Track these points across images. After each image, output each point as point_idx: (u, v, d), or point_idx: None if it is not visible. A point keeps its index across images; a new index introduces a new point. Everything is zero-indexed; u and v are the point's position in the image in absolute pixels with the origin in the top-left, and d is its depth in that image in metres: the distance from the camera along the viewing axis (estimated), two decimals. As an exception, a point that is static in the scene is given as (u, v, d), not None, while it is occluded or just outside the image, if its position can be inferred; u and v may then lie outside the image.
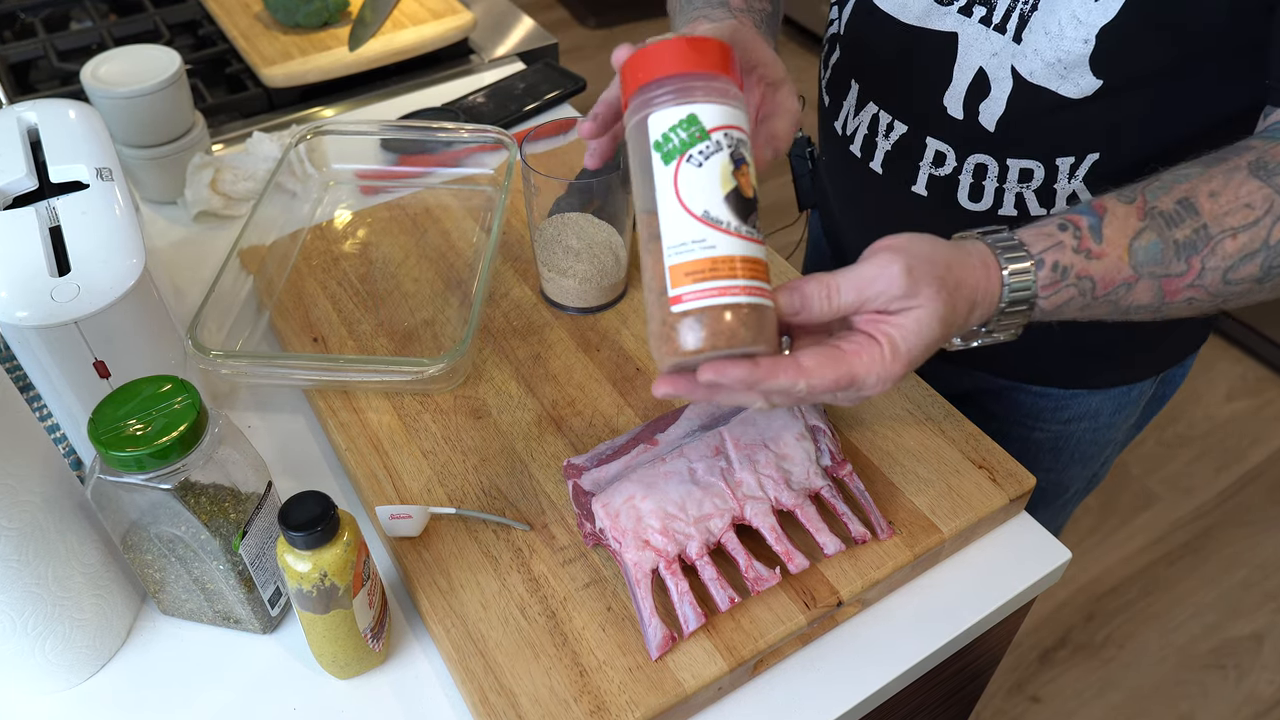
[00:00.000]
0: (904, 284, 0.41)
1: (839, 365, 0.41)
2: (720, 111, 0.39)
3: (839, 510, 0.54)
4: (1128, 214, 0.45)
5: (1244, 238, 0.44)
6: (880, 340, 0.41)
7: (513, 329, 0.68)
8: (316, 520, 0.45)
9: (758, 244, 0.39)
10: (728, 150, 0.39)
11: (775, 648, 0.51)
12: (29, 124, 0.61)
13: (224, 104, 0.95)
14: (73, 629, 0.50)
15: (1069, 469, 0.77)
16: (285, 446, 0.64)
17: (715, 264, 0.38)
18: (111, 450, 0.44)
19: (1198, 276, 0.45)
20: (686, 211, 0.38)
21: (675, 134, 0.39)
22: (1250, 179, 0.45)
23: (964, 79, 0.58)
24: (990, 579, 0.56)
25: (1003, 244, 0.44)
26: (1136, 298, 0.46)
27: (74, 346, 0.52)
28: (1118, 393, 0.72)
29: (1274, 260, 0.45)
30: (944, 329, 0.42)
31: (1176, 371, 0.75)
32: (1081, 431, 0.74)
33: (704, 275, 0.38)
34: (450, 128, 0.78)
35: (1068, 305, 0.46)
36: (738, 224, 0.39)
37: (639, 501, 0.51)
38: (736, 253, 0.38)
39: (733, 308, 0.38)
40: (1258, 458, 1.63)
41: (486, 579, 0.53)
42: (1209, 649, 1.39)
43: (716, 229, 0.38)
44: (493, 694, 0.48)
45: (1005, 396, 0.73)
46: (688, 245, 0.39)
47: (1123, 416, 0.75)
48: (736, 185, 0.39)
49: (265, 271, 0.71)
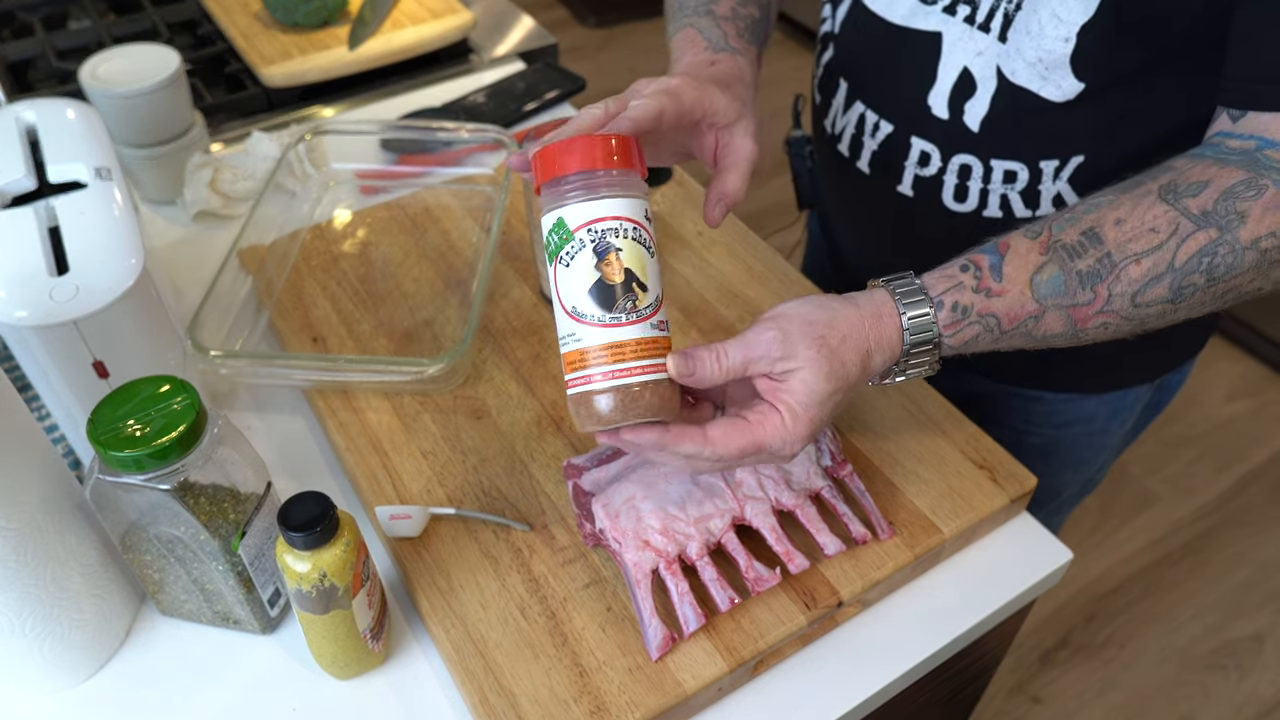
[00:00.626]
0: (780, 348, 0.44)
1: (744, 434, 0.44)
2: (586, 209, 0.42)
3: (839, 510, 0.54)
4: (1029, 249, 0.47)
5: (1148, 262, 0.45)
6: (779, 408, 0.44)
7: (512, 329, 0.68)
8: (316, 521, 0.45)
9: (632, 325, 0.43)
10: (590, 245, 0.42)
11: (776, 648, 0.51)
12: (28, 123, 0.61)
13: (223, 103, 0.95)
14: (71, 629, 0.50)
15: (1063, 473, 0.77)
16: (284, 447, 0.63)
17: (583, 354, 0.43)
18: (110, 450, 0.44)
19: (1105, 303, 0.46)
20: (562, 308, 0.44)
21: (551, 237, 0.43)
22: (1158, 203, 0.46)
23: (948, 78, 0.58)
24: (991, 579, 0.56)
25: (902, 289, 0.47)
26: (1048, 327, 0.47)
27: (73, 346, 0.52)
28: (1113, 398, 0.72)
29: (1182, 281, 0.46)
30: (834, 383, 0.45)
31: (1173, 377, 0.75)
32: (1076, 436, 0.74)
33: (576, 365, 0.43)
34: (450, 127, 0.78)
35: (975, 341, 0.48)
36: (601, 314, 0.43)
37: (639, 502, 0.51)
38: (601, 341, 0.43)
39: (602, 392, 0.43)
40: (1259, 458, 1.63)
41: (486, 579, 0.53)
42: (1210, 649, 1.38)
43: (582, 322, 0.43)
44: (492, 694, 0.48)
45: (999, 401, 0.73)
46: (565, 339, 0.44)
47: (1118, 422, 0.75)
48: (600, 277, 0.43)
49: (264, 271, 0.71)
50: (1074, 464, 0.77)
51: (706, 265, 0.73)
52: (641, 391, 0.43)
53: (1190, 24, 0.51)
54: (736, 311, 0.69)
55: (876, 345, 0.46)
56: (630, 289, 0.43)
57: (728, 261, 0.73)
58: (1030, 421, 0.74)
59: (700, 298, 0.70)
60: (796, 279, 0.71)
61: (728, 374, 0.44)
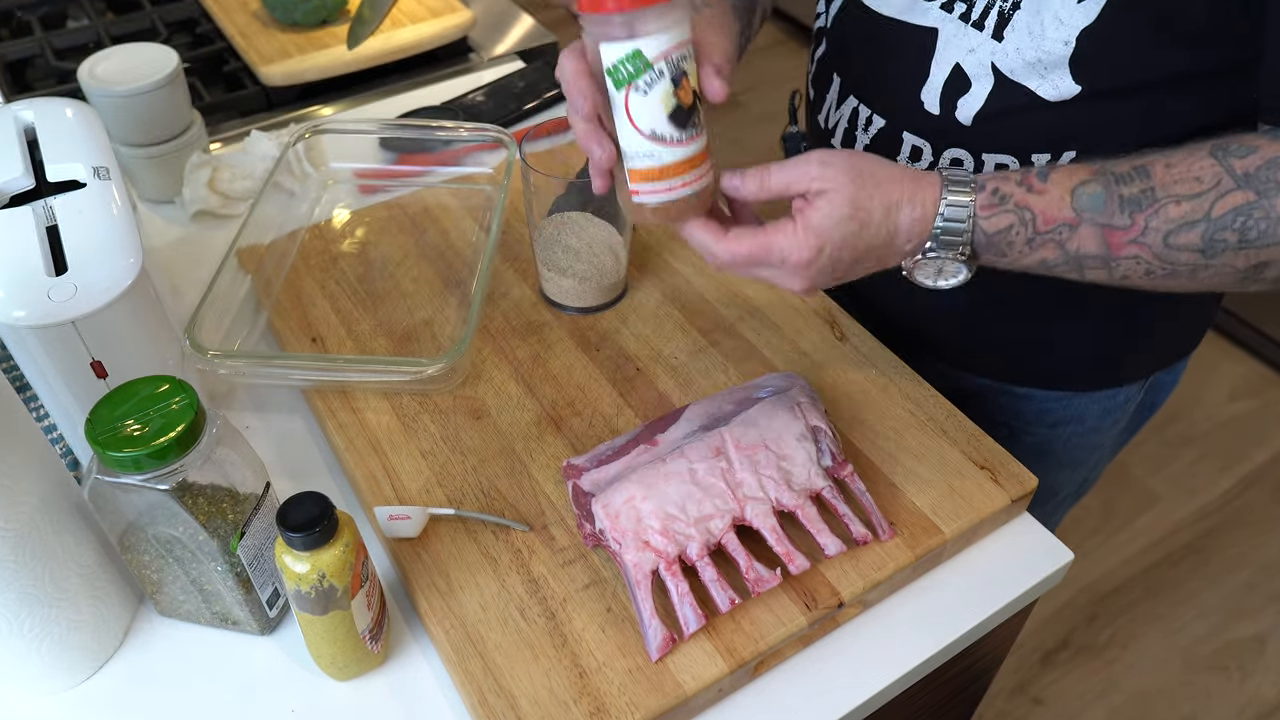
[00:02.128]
0: (818, 170, 0.48)
1: (756, 236, 0.48)
2: (661, 40, 0.45)
3: (840, 511, 0.54)
4: (1079, 168, 0.49)
5: (1186, 206, 0.46)
6: (796, 219, 0.48)
7: (512, 329, 0.68)
8: (315, 521, 0.44)
9: (696, 141, 0.47)
10: (669, 76, 0.45)
11: (776, 649, 0.51)
12: (26, 122, 0.60)
13: (222, 102, 0.95)
14: (70, 630, 0.49)
15: (1057, 474, 0.77)
16: (283, 447, 0.63)
17: (662, 171, 0.47)
18: (109, 451, 0.44)
19: (1140, 234, 0.47)
20: (636, 130, 0.46)
21: (623, 66, 0.45)
22: (1207, 157, 0.47)
23: (940, 74, 0.58)
24: (992, 580, 0.56)
25: (950, 171, 0.50)
26: (1082, 243, 0.48)
27: (71, 346, 0.51)
28: (1104, 397, 0.72)
29: (1215, 233, 0.47)
30: (855, 213, 0.47)
31: (1165, 377, 0.75)
32: (1068, 436, 0.74)
33: (653, 179, 0.47)
34: (449, 126, 0.78)
35: (1009, 234, 0.48)
36: (678, 135, 0.46)
37: (639, 502, 0.51)
38: (678, 158, 0.47)
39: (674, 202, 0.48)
40: (1261, 458, 1.62)
41: (486, 580, 0.53)
42: (1212, 650, 1.38)
43: (661, 144, 0.46)
44: (492, 695, 0.48)
45: (990, 399, 0.73)
46: (639, 155, 0.47)
47: (1110, 421, 0.75)
48: (677, 103, 0.46)
49: (263, 271, 0.71)
50: (1069, 464, 0.77)
51: (706, 264, 0.72)
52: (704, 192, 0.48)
53: (1191, 35, 0.51)
54: (736, 311, 0.69)
55: (909, 200, 0.48)
56: (696, 108, 0.47)
57: (728, 261, 0.73)
58: (1023, 420, 0.74)
59: (700, 298, 0.70)
60: (797, 278, 0.71)
61: (769, 192, 0.49)
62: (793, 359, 0.65)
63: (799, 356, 0.65)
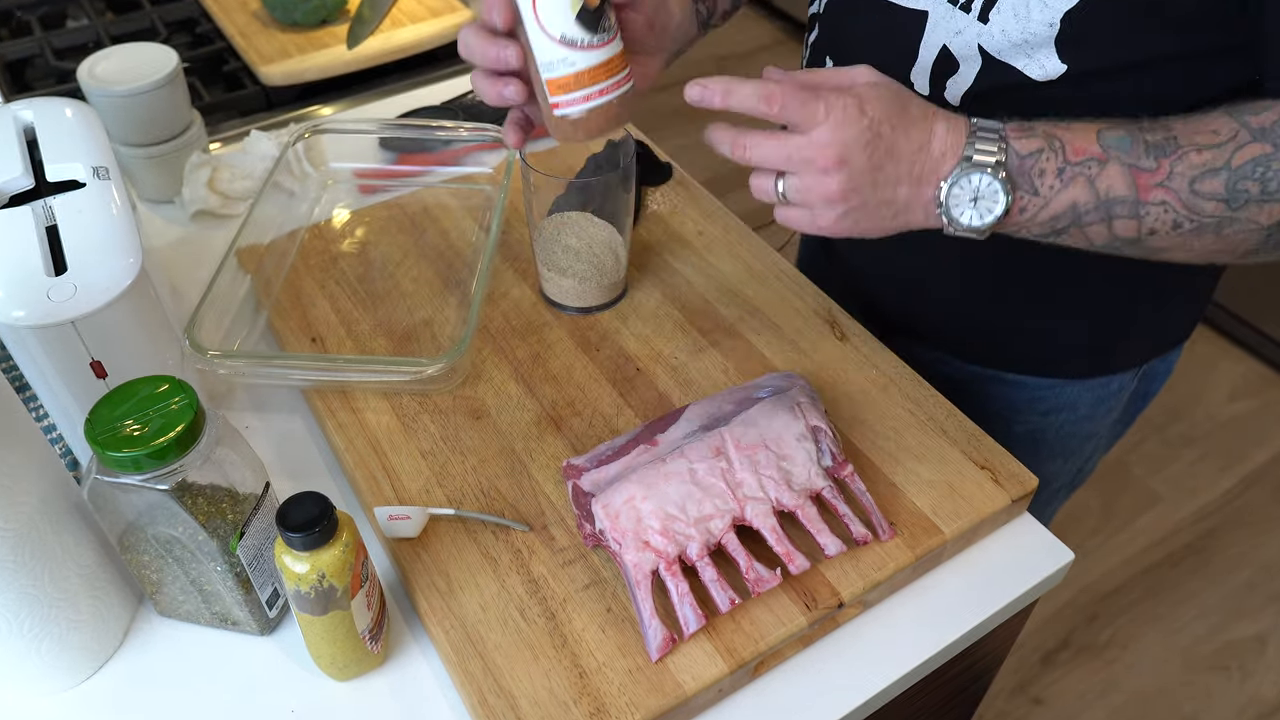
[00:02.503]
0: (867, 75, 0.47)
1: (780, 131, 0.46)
2: None
3: (840, 511, 0.54)
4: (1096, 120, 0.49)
5: (1208, 154, 0.47)
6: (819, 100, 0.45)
7: (512, 329, 0.68)
8: (314, 521, 0.44)
9: (610, 45, 0.46)
10: None
11: (776, 649, 0.51)
12: (25, 122, 0.60)
13: (221, 102, 0.95)
14: (69, 630, 0.49)
15: (1049, 463, 0.77)
16: (283, 447, 0.63)
17: (578, 78, 0.46)
18: (108, 451, 0.44)
19: (1166, 178, 0.47)
20: (546, 35, 0.45)
21: None
22: (1222, 114, 0.48)
23: (929, 56, 0.59)
24: (992, 580, 0.56)
25: None
26: (1111, 181, 0.47)
27: (70, 346, 0.51)
28: (1096, 385, 0.72)
29: (1237, 182, 0.47)
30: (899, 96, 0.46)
31: (1159, 366, 0.75)
32: (1060, 424, 0.74)
33: (569, 87, 0.47)
34: (449, 126, 0.78)
35: (1041, 160, 0.47)
36: (589, 38, 0.45)
37: (639, 502, 0.51)
38: (592, 63, 0.46)
39: (597, 108, 0.47)
40: (1261, 458, 1.62)
41: (486, 580, 0.53)
42: (1212, 650, 1.38)
43: (573, 48, 0.45)
44: (492, 696, 0.48)
45: (981, 388, 0.74)
46: (554, 64, 0.46)
47: (1103, 410, 0.75)
48: (583, 3, 0.45)
49: (263, 271, 0.70)
50: (1062, 453, 0.77)
51: (706, 265, 0.72)
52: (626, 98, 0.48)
53: (1183, 18, 0.51)
54: (737, 311, 0.69)
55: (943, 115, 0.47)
56: (605, 9, 0.45)
57: (728, 261, 0.73)
58: (1015, 409, 0.74)
59: (700, 298, 0.70)
60: (796, 277, 0.71)
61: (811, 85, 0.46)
62: (793, 359, 0.65)
63: (799, 356, 0.65)
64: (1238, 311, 1.76)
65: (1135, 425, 1.75)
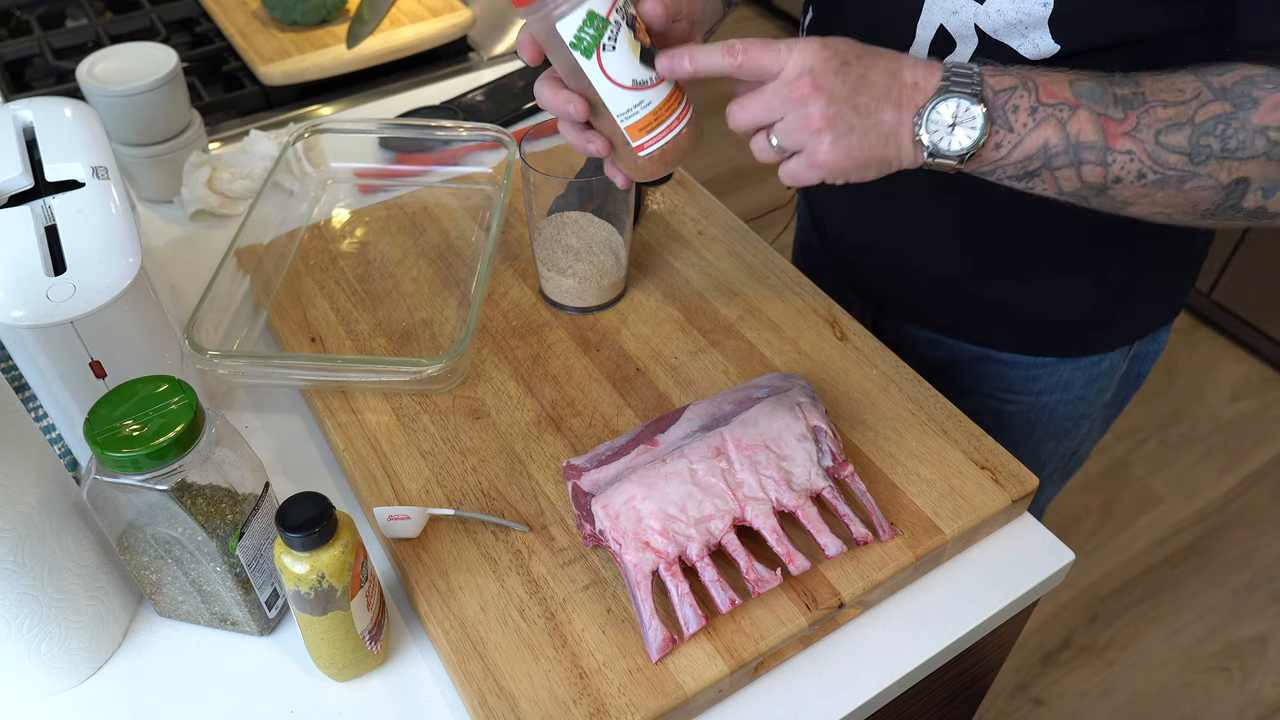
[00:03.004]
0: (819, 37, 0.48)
1: None
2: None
3: (840, 511, 0.54)
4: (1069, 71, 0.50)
5: (1173, 110, 0.49)
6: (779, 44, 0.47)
7: (512, 329, 0.68)
8: (314, 521, 0.44)
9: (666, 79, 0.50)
10: (625, 22, 0.47)
11: (776, 650, 0.51)
12: (24, 122, 0.60)
13: (221, 102, 0.95)
14: (68, 631, 0.49)
15: (1044, 444, 0.78)
16: (283, 447, 0.63)
17: (656, 112, 0.50)
18: (107, 451, 0.44)
19: (1134, 128, 0.48)
20: (620, 86, 0.49)
21: (584, 32, 0.47)
22: (1187, 74, 0.50)
23: (926, 35, 0.59)
24: (993, 580, 0.56)
25: None
26: (1081, 127, 0.48)
27: (70, 346, 0.51)
28: (1088, 364, 0.73)
29: (1200, 138, 0.48)
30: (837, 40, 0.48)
31: (1149, 347, 0.75)
32: (1054, 404, 0.75)
33: (650, 125, 0.50)
34: (449, 126, 0.78)
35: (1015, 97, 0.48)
36: (654, 74, 0.49)
37: (639, 503, 0.51)
38: (664, 95, 0.50)
39: (677, 136, 0.51)
40: (1263, 458, 1.62)
41: (485, 581, 0.53)
42: (1213, 651, 1.38)
43: (645, 89, 0.49)
44: (492, 696, 0.48)
45: (976, 368, 0.74)
46: (631, 110, 0.49)
47: (1095, 390, 0.75)
48: (641, 44, 0.48)
49: (262, 271, 0.70)
50: (1055, 434, 0.78)
51: (706, 264, 0.72)
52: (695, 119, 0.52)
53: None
54: (737, 311, 0.68)
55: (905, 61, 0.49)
56: (653, 44, 0.49)
57: (727, 260, 0.72)
58: (1009, 389, 0.74)
59: (700, 296, 0.70)
60: (796, 277, 0.71)
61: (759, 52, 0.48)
62: (793, 359, 0.65)
63: (799, 356, 0.65)
64: (1239, 312, 1.76)
65: (1137, 425, 1.75)
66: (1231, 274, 1.73)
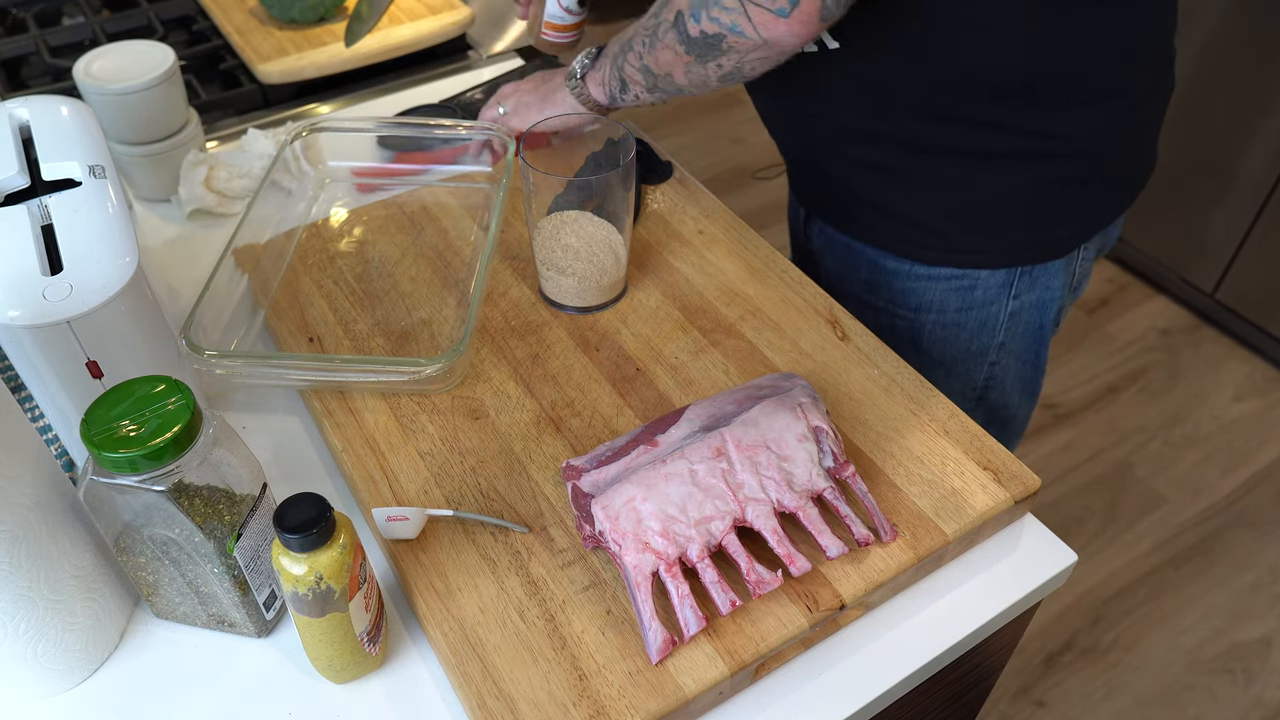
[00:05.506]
0: None
1: None
2: None
3: (841, 512, 0.53)
4: None
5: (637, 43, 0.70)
6: None
7: (511, 329, 0.67)
8: (312, 522, 0.44)
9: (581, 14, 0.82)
10: None
11: (777, 651, 0.50)
12: (20, 121, 0.60)
13: (218, 100, 0.95)
14: (65, 633, 0.49)
15: (934, 371, 0.81)
16: (280, 448, 0.63)
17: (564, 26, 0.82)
18: (104, 451, 0.43)
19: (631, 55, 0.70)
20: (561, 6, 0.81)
21: None
22: None
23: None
24: (995, 582, 0.55)
25: None
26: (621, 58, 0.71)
27: (66, 346, 0.51)
28: (956, 286, 0.75)
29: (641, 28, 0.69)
30: None
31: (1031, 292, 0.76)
32: (933, 326, 0.78)
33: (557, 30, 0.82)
34: (448, 124, 0.77)
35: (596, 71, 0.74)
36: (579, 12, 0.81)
37: (639, 503, 0.50)
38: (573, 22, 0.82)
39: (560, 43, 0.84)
40: (1266, 459, 1.62)
41: (484, 582, 0.52)
42: (1217, 653, 1.38)
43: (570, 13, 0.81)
44: (491, 698, 0.48)
45: (872, 281, 0.79)
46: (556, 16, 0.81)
47: (975, 320, 0.77)
48: None
49: (260, 270, 0.70)
50: (944, 364, 0.80)
51: (706, 264, 0.72)
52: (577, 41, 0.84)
53: None
54: (738, 310, 0.68)
55: None
56: None
57: (728, 260, 0.72)
58: (894, 303, 0.79)
59: (701, 296, 0.69)
60: (797, 276, 0.71)
61: None
62: (794, 359, 0.65)
63: (800, 356, 0.65)
64: (1243, 312, 1.76)
65: (1140, 426, 1.75)
66: (1235, 274, 1.73)
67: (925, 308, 0.78)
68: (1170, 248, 1.83)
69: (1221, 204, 1.69)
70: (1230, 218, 1.68)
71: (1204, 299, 1.81)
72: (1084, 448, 1.63)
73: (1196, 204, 1.73)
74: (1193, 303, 1.85)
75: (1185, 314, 1.86)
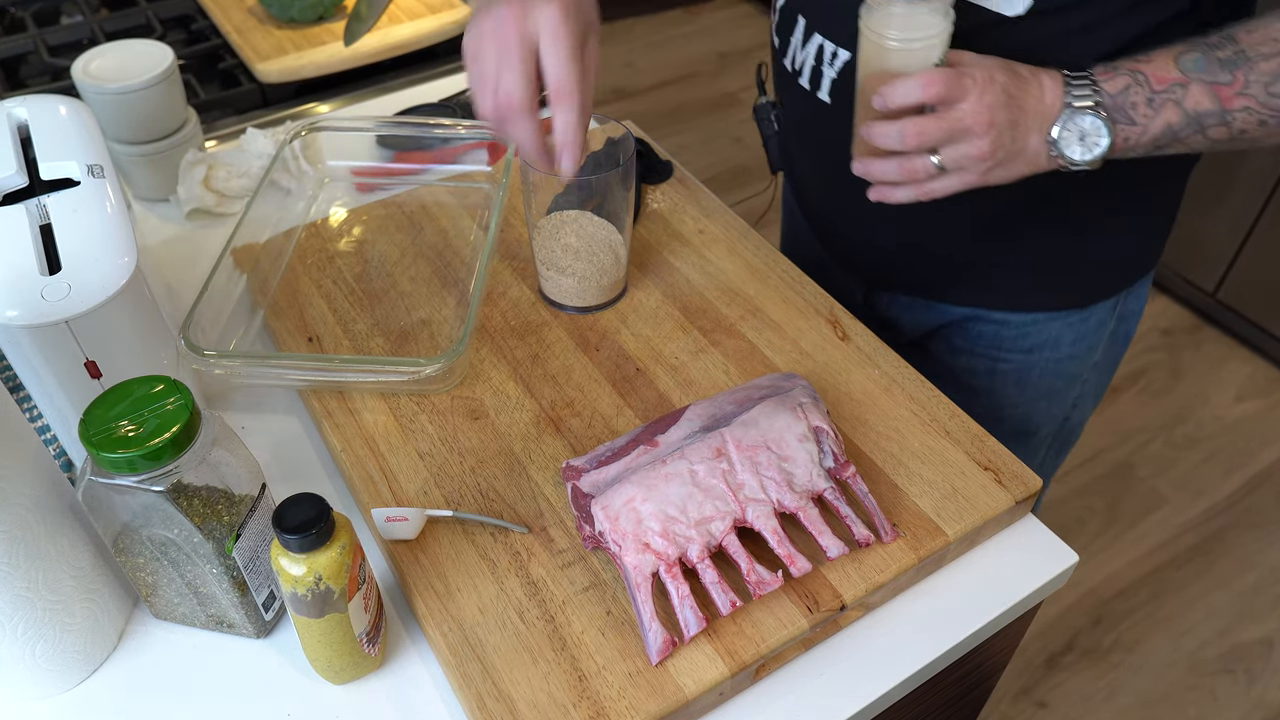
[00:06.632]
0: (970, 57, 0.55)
1: None
2: None
3: (842, 512, 0.53)
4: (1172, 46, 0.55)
5: (1275, 61, 0.53)
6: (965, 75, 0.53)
7: (511, 328, 0.67)
8: (311, 523, 0.44)
9: None
10: None
11: (777, 652, 0.50)
12: (19, 120, 0.60)
13: (217, 100, 0.95)
14: (63, 634, 0.49)
15: (1036, 403, 0.80)
16: (280, 448, 0.63)
17: None
18: (103, 452, 0.43)
19: (1244, 87, 0.53)
20: None
21: None
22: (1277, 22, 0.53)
23: None
24: (996, 582, 0.55)
25: None
26: (1197, 101, 0.54)
27: (65, 346, 0.51)
28: (1076, 320, 0.75)
29: None
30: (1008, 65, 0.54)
31: (1133, 305, 0.77)
32: (1045, 362, 0.77)
33: None
34: (447, 124, 0.77)
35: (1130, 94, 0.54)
36: None
37: (639, 504, 0.50)
38: None
39: None
40: (1268, 459, 1.62)
41: (484, 582, 0.52)
42: (1218, 654, 1.37)
43: None
44: (490, 699, 0.47)
45: (969, 329, 0.77)
46: None
47: (1084, 348, 0.77)
48: None
49: (259, 270, 0.70)
50: (1047, 393, 0.79)
51: (706, 263, 0.72)
52: None
53: None
54: (738, 310, 0.68)
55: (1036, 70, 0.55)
56: None
57: (728, 259, 0.72)
58: (1001, 348, 0.76)
59: (701, 296, 0.69)
60: (797, 276, 0.71)
61: None
62: (794, 359, 0.65)
63: (800, 356, 0.65)
64: (1245, 312, 1.75)
65: (1141, 426, 1.75)
66: (1236, 274, 1.73)
67: (1039, 348, 0.75)
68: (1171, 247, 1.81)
69: (1223, 203, 1.68)
70: (1232, 217, 1.68)
71: (1205, 299, 1.80)
72: (1085, 448, 1.63)
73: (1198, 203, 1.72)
74: (1194, 302, 1.85)
75: (1187, 314, 1.86)
